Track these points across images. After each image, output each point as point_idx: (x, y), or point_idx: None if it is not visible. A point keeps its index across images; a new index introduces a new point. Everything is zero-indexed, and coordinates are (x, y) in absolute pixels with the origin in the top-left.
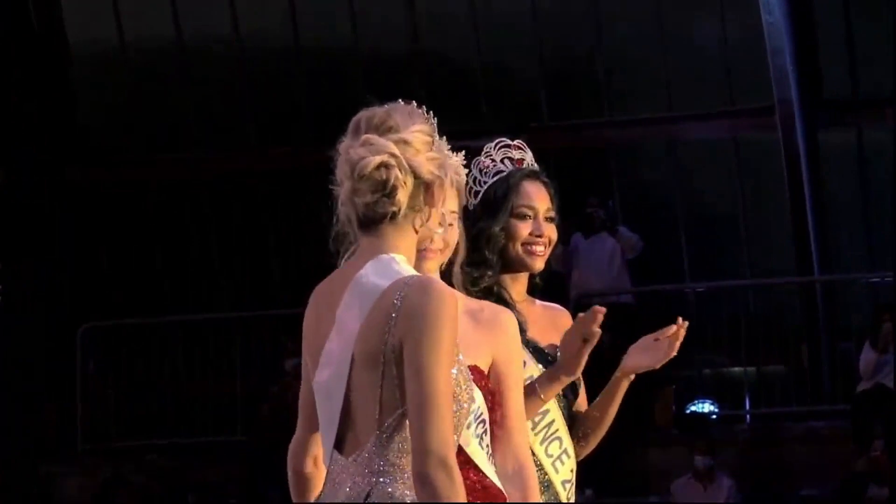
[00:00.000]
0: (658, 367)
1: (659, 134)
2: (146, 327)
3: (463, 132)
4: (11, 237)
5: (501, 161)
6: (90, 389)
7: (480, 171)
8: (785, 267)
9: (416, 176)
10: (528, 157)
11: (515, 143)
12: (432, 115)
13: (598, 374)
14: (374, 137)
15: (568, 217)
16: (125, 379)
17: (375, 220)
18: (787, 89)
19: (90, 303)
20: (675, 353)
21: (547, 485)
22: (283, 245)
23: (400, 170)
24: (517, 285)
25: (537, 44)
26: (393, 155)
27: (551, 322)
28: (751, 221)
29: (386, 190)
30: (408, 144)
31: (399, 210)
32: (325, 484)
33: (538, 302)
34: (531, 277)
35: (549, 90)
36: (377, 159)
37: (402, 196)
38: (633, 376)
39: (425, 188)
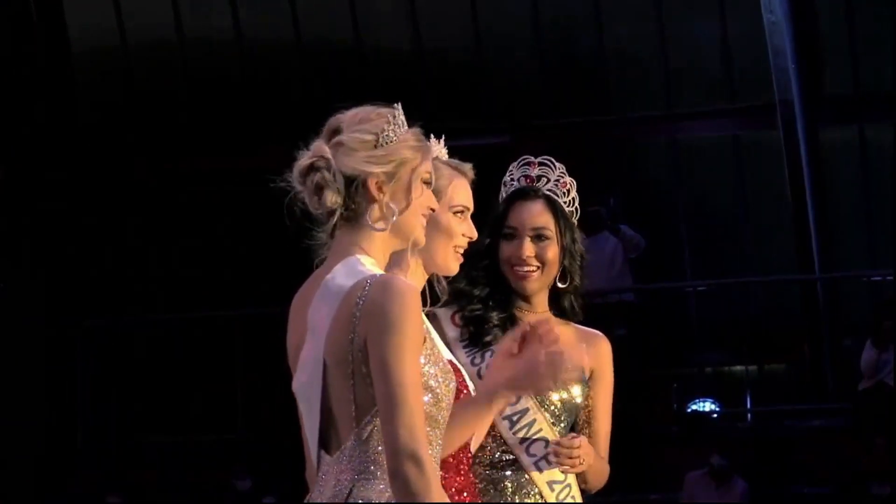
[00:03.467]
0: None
1: (660, 132)
2: (147, 325)
3: (463, 130)
4: (11, 235)
5: (517, 180)
6: (91, 388)
7: (503, 188)
8: (786, 265)
9: (346, 175)
10: (551, 174)
11: (538, 160)
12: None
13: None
14: (316, 142)
15: None
16: (126, 377)
17: (327, 220)
18: (789, 87)
19: (91, 301)
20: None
21: (524, 482)
22: (284, 242)
23: (326, 170)
24: (538, 298)
25: (538, 42)
26: (321, 157)
27: (579, 344)
28: (752, 219)
29: (315, 191)
30: (341, 145)
31: (335, 210)
32: (315, 484)
33: (571, 324)
34: (557, 296)
35: (549, 88)
36: (305, 163)
37: (331, 196)
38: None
39: (362, 185)
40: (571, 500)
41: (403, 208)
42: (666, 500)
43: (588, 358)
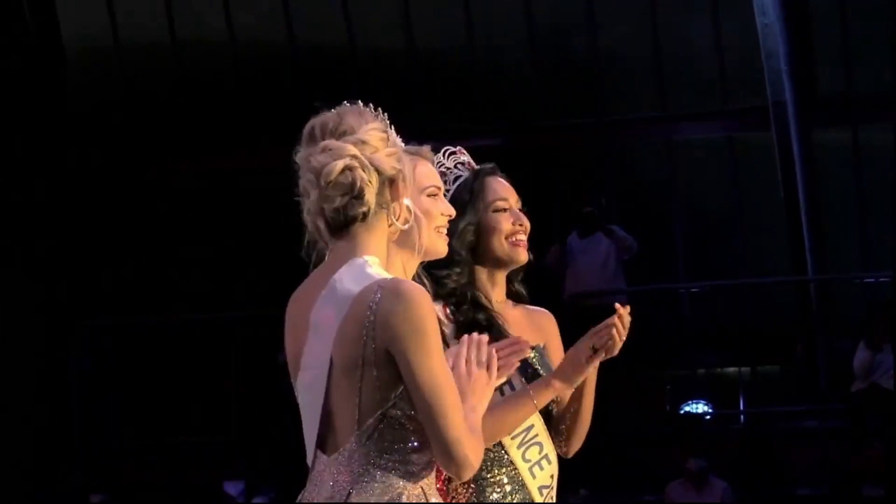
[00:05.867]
0: (615, 353)
1: (654, 134)
2: (142, 327)
3: (459, 131)
4: (7, 235)
5: (455, 167)
6: (86, 388)
7: (447, 174)
8: (779, 266)
9: (380, 173)
10: (470, 160)
11: (458, 148)
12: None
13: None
14: (332, 142)
15: (563, 216)
16: (121, 378)
17: (347, 223)
18: (782, 90)
19: (86, 301)
20: (623, 338)
21: (521, 484)
22: (278, 244)
23: (364, 170)
24: (496, 288)
25: (532, 44)
26: (354, 156)
27: (532, 324)
28: (746, 221)
29: (354, 192)
30: (366, 144)
31: (369, 209)
32: (308, 482)
33: (520, 305)
34: (510, 281)
35: (544, 90)
36: (340, 164)
37: (370, 195)
38: (597, 364)
39: (390, 184)
40: (551, 500)
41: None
42: (659, 502)
43: (538, 334)
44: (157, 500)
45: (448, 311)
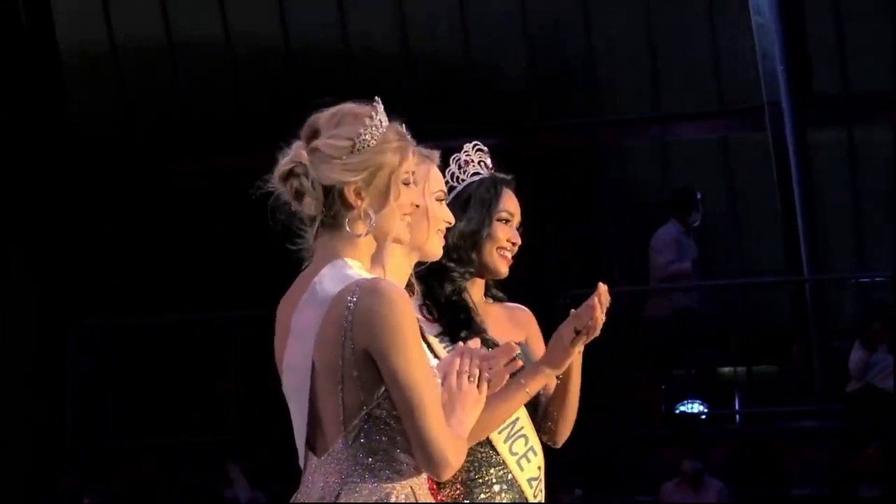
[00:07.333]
0: (597, 333)
1: (648, 134)
2: (139, 326)
3: (453, 132)
4: (4, 236)
5: (479, 163)
6: (84, 388)
7: (459, 167)
8: (775, 267)
9: (323, 184)
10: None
11: (486, 149)
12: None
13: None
14: (295, 144)
15: (561, 216)
16: (120, 378)
17: (310, 224)
18: (777, 90)
19: (83, 301)
20: (604, 318)
21: (510, 482)
22: (275, 243)
23: (305, 177)
24: (475, 288)
25: (527, 44)
26: (300, 163)
27: (512, 321)
28: (741, 221)
29: (294, 196)
30: (316, 151)
31: (315, 216)
32: (301, 483)
33: (497, 303)
34: (487, 285)
35: (539, 90)
36: (285, 168)
37: (311, 202)
38: (582, 347)
39: (340, 194)
40: (540, 492)
41: (382, 212)
42: (654, 502)
43: (518, 330)
44: (155, 500)
45: (424, 312)
